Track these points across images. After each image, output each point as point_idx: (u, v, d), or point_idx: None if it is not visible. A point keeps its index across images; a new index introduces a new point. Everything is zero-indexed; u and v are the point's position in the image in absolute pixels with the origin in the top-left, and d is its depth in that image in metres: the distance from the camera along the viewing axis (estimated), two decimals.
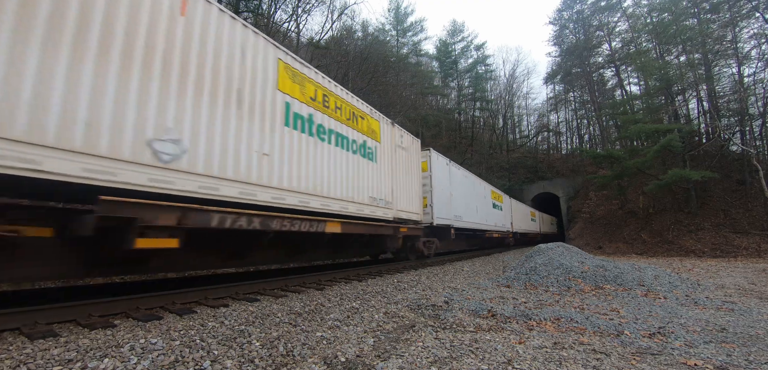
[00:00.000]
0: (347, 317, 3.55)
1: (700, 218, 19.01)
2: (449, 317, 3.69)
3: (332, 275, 6.13)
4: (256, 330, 2.94)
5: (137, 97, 3.31)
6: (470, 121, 42.08)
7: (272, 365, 2.27)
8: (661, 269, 7.40)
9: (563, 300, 4.86)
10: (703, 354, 2.71)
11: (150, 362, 2.18)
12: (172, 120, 3.57)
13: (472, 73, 44.14)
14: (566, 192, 31.71)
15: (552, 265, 6.85)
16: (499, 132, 43.60)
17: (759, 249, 15.01)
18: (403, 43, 39.67)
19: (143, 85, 3.36)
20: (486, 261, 11.67)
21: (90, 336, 2.63)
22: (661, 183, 18.63)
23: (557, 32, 42.01)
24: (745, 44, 21.86)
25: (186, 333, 2.77)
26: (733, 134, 21.65)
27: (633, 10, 30.29)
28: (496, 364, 2.38)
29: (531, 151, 43.30)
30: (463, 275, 7.63)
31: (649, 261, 12.96)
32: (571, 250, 8.06)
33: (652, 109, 23.36)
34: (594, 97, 36.40)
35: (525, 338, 3.00)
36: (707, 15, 22.17)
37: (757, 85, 21.23)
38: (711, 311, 4.35)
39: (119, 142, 3.15)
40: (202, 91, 3.91)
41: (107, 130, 3.08)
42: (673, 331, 3.34)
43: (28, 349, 2.31)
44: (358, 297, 4.60)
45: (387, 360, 2.40)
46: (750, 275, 8.51)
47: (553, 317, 3.73)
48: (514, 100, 48.09)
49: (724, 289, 6.34)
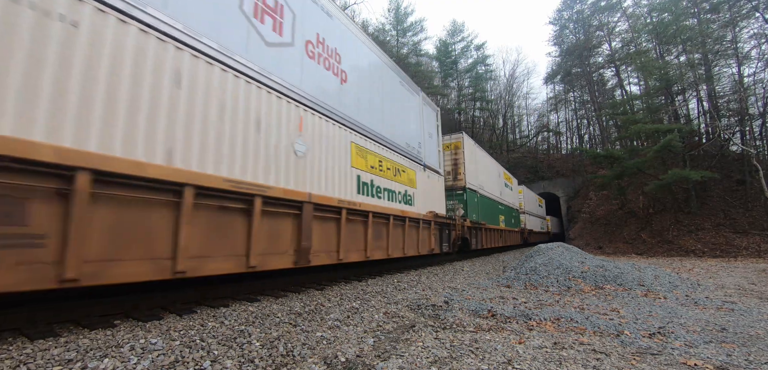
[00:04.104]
0: (347, 317, 3.55)
1: (700, 218, 19.01)
2: (449, 317, 3.69)
3: (332, 275, 6.14)
4: (256, 330, 2.94)
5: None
6: (470, 121, 42.12)
7: (272, 365, 2.27)
8: (661, 269, 7.41)
9: (563, 300, 4.86)
10: (703, 354, 2.71)
11: (150, 362, 2.18)
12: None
13: (472, 73, 44.16)
14: (566, 192, 31.74)
15: (552, 265, 6.86)
16: (499, 132, 43.63)
17: (759, 249, 15.02)
18: (403, 43, 39.69)
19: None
20: (486, 261, 11.67)
21: (90, 336, 2.63)
22: (661, 183, 18.63)
23: (557, 32, 42.09)
24: (745, 44, 21.90)
25: (186, 333, 2.77)
26: (733, 134, 21.65)
27: (633, 10, 30.32)
28: (496, 364, 2.38)
29: (531, 151, 43.34)
30: (463, 275, 7.63)
31: (649, 261, 12.96)
32: (571, 250, 8.06)
33: (652, 109, 23.37)
34: (594, 97, 36.44)
35: (525, 338, 3.00)
36: (707, 15, 22.18)
37: (757, 85, 21.26)
38: (711, 311, 4.35)
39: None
40: None
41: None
42: (673, 331, 3.34)
43: (28, 349, 2.31)
44: (358, 297, 4.60)
45: (387, 360, 2.40)
46: (750, 275, 8.51)
47: (553, 317, 3.73)
48: (514, 100, 48.17)
49: (724, 289, 6.34)
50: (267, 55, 4.50)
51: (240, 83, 4.04)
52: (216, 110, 3.74)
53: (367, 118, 6.78)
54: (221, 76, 3.83)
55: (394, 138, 7.77)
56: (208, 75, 3.69)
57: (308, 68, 5.27)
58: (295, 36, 5.08)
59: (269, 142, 4.38)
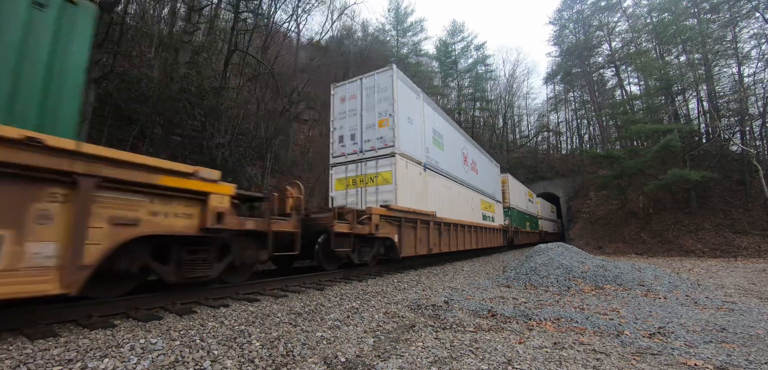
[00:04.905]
0: (347, 317, 3.55)
1: (700, 218, 19.01)
2: (449, 317, 3.69)
3: (332, 275, 6.14)
4: (256, 330, 2.94)
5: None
6: (470, 121, 42.06)
7: (272, 365, 2.27)
8: (661, 269, 7.40)
9: (563, 300, 4.86)
10: (703, 354, 2.71)
11: (150, 362, 2.18)
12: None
13: (472, 73, 44.13)
14: (566, 192, 31.72)
15: (552, 265, 6.85)
16: (499, 132, 43.59)
17: (759, 249, 15.02)
18: (403, 43, 39.70)
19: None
20: (486, 261, 11.67)
21: (90, 336, 2.63)
22: (661, 183, 18.63)
23: (557, 32, 42.08)
24: (745, 44, 21.89)
25: (186, 333, 2.77)
26: (733, 134, 21.64)
27: (633, 10, 30.34)
28: (496, 364, 2.38)
29: (531, 151, 43.28)
30: (463, 275, 7.63)
31: (649, 261, 12.96)
32: (571, 250, 8.06)
33: (652, 109, 23.36)
34: (594, 97, 36.42)
35: (525, 338, 3.00)
36: (707, 15, 22.17)
37: (757, 85, 21.24)
38: (711, 311, 4.35)
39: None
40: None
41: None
42: (673, 331, 3.34)
43: (28, 349, 2.31)
44: (358, 297, 4.60)
45: (387, 360, 2.40)
46: (750, 275, 8.51)
47: (553, 317, 3.73)
48: (514, 100, 48.10)
49: (724, 289, 6.34)
50: (464, 173, 12.05)
51: (462, 187, 11.57)
52: (455, 194, 10.85)
53: (482, 185, 14.01)
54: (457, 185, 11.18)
55: (488, 191, 14.96)
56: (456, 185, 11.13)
57: (468, 170, 12.61)
58: (467, 162, 12.59)
59: (466, 202, 11.83)
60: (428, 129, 9.28)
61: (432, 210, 8.67)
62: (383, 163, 7.50)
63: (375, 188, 7.55)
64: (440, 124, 10.29)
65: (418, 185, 8.28)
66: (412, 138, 8.26)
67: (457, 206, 10.64)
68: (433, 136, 9.59)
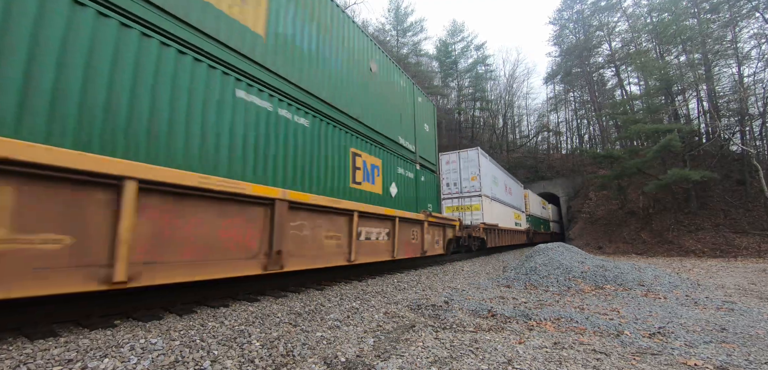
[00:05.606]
0: (347, 317, 3.55)
1: (700, 218, 19.01)
2: (449, 317, 3.69)
3: (332, 275, 6.14)
4: (256, 330, 2.94)
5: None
6: (470, 121, 42.12)
7: (272, 365, 2.27)
8: (661, 269, 7.40)
9: (563, 300, 4.86)
10: (703, 354, 2.71)
11: (150, 362, 2.18)
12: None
13: (472, 73, 44.15)
14: (566, 192, 31.74)
15: (552, 265, 6.85)
16: (499, 132, 43.62)
17: (759, 249, 15.02)
18: (403, 43, 39.72)
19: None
20: (486, 261, 11.67)
21: (90, 336, 2.63)
22: (661, 183, 18.63)
23: (557, 32, 42.08)
24: (745, 44, 21.89)
25: (186, 333, 2.77)
26: (733, 134, 21.64)
27: (633, 10, 30.33)
28: (496, 364, 2.38)
29: (531, 151, 43.30)
30: (463, 275, 7.63)
31: (649, 261, 12.96)
32: (571, 250, 8.06)
33: (652, 109, 23.36)
34: (594, 97, 36.42)
35: (525, 338, 3.00)
36: (707, 15, 22.17)
37: (757, 85, 21.25)
38: (711, 311, 4.35)
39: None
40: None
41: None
42: (673, 331, 3.34)
43: (28, 349, 2.31)
44: (358, 297, 4.60)
45: (387, 360, 2.40)
46: (750, 275, 8.51)
47: (553, 317, 3.73)
48: (514, 100, 48.15)
49: (724, 289, 6.34)
50: (505, 197, 17.90)
51: (504, 206, 17.22)
52: (502, 211, 16.79)
53: (513, 202, 18.84)
54: (503, 206, 17.08)
55: (516, 205, 19.50)
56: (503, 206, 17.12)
57: (507, 195, 18.15)
58: (507, 190, 18.19)
59: (506, 215, 17.39)
60: (490, 176, 15.49)
61: (495, 222, 14.66)
62: (475, 200, 13.90)
63: (470, 213, 13.81)
64: (495, 171, 16.64)
65: (489, 209, 14.44)
66: (486, 183, 14.49)
67: (503, 218, 16.54)
68: (493, 178, 15.91)
